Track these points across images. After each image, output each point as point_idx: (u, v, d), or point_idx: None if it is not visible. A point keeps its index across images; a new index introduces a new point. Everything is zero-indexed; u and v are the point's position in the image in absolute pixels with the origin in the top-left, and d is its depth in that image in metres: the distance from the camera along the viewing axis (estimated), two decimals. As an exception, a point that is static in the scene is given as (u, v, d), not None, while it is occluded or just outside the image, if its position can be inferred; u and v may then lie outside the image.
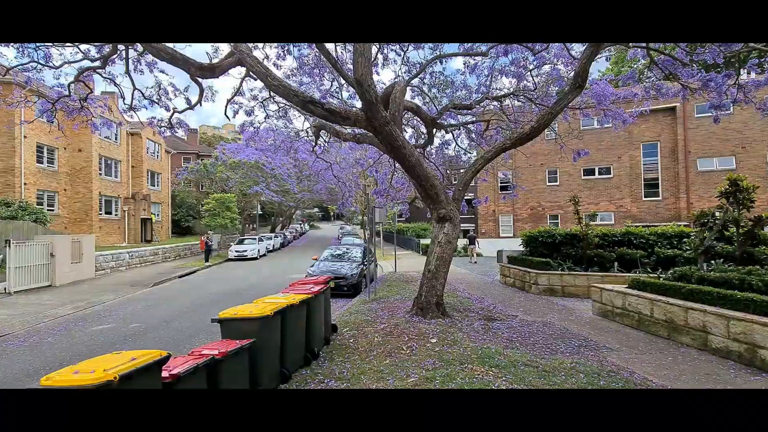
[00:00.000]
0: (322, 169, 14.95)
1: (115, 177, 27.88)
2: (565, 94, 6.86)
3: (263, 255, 26.16)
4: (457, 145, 13.42)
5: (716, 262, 7.64)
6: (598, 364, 5.22)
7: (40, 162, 22.46)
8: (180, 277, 16.84)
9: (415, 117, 12.35)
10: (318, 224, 79.36)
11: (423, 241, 27.00)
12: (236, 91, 8.82)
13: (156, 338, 7.48)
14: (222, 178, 32.06)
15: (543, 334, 6.82)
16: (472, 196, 28.89)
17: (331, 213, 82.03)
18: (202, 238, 23.13)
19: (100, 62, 8.06)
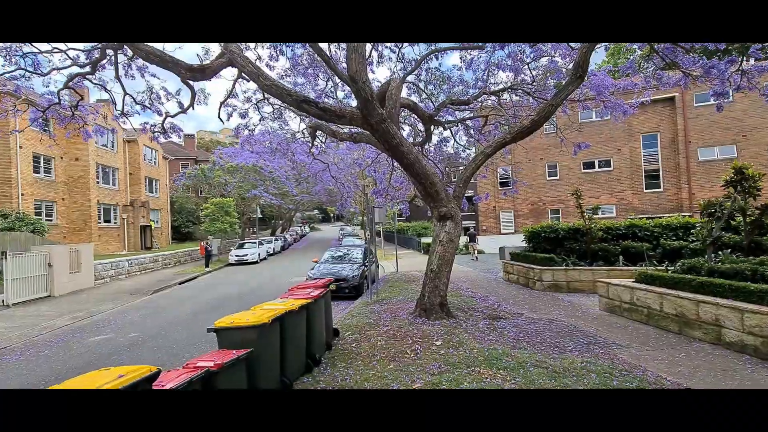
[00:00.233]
0: (320, 170, 14.79)
1: (113, 185, 27.73)
2: (565, 86, 6.69)
3: (264, 258, 26.00)
4: (455, 141, 13.26)
5: (723, 253, 7.48)
6: (610, 363, 5.05)
7: (36, 172, 22.29)
8: (180, 283, 16.68)
9: (412, 115, 12.19)
10: (318, 226, 79.20)
11: (424, 239, 26.84)
12: (229, 93, 8.65)
13: (154, 348, 7.31)
14: (220, 183, 31.89)
15: (550, 332, 6.65)
16: (472, 193, 28.77)
17: (331, 215, 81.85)
18: (201, 244, 22.98)
19: (89, 68, 7.90)
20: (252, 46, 8.93)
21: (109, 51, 7.72)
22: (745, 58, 8.75)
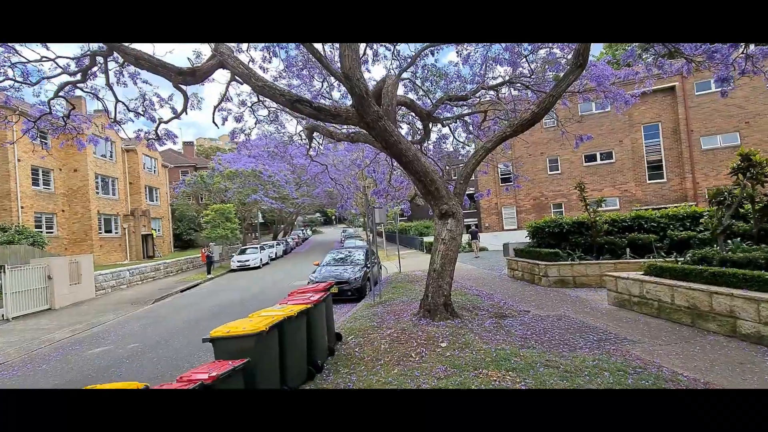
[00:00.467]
0: (319, 172, 14.63)
1: (113, 195, 27.66)
2: (565, 75, 6.51)
3: (266, 263, 25.86)
4: (454, 138, 13.08)
5: (734, 242, 7.28)
6: (623, 360, 4.86)
7: (35, 184, 22.24)
8: (181, 291, 16.55)
9: (410, 113, 12.03)
10: (320, 229, 79.07)
11: (426, 239, 26.67)
12: (222, 96, 8.51)
13: (154, 359, 7.16)
14: (220, 189, 31.80)
15: (559, 329, 6.46)
16: (474, 190, 28.56)
17: (333, 217, 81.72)
18: (202, 251, 22.86)
19: (79, 76, 7.76)
20: (244, 48, 8.78)
21: (99, 58, 7.60)
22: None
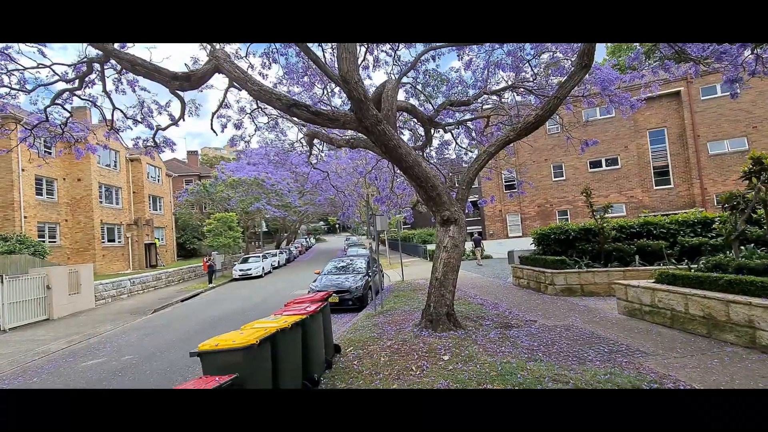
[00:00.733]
0: (320, 179, 14.49)
1: (116, 204, 27.70)
2: (570, 76, 6.32)
3: (268, 272, 25.65)
4: (457, 144, 12.90)
5: (747, 248, 6.99)
6: (636, 373, 4.57)
7: (39, 194, 22.31)
8: (182, 301, 16.36)
9: (412, 119, 11.89)
10: (324, 237, 78.94)
11: (429, 247, 26.36)
12: (221, 103, 8.40)
13: (147, 372, 6.93)
14: (222, 198, 31.78)
15: (567, 340, 6.17)
16: (477, 197, 28.33)
17: (336, 225, 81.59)
18: (204, 260, 22.72)
19: (76, 83, 7.69)
20: (243, 54, 8.70)
21: (96, 65, 7.53)
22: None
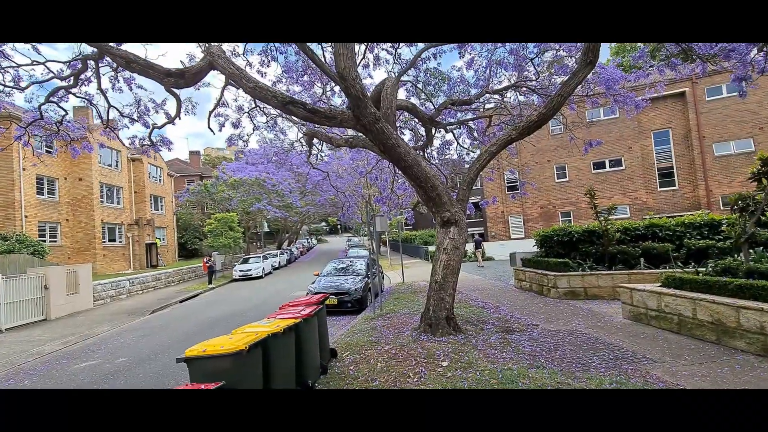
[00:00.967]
0: (320, 179, 14.34)
1: (118, 204, 27.66)
2: (574, 73, 6.14)
3: (269, 273, 25.51)
4: (459, 144, 12.73)
5: (755, 251, 6.78)
6: (643, 382, 4.39)
7: (40, 193, 22.29)
8: (181, 301, 16.23)
9: (413, 119, 11.73)
10: (325, 238, 78.82)
11: (431, 248, 26.15)
12: (218, 101, 8.26)
13: (140, 375, 6.78)
14: (223, 198, 31.69)
15: (571, 346, 5.98)
16: (479, 199, 28.12)
17: (338, 226, 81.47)
18: (204, 260, 22.62)
19: (71, 81, 7.57)
20: (241, 52, 8.57)
21: (91, 62, 7.41)
22: None
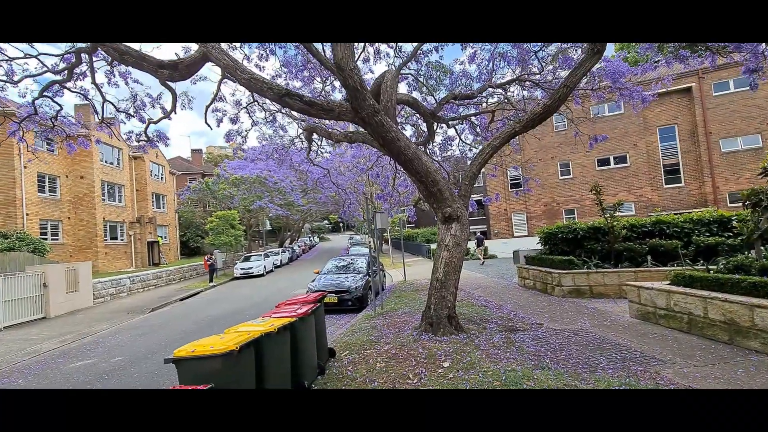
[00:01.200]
0: (321, 176, 14.17)
1: (119, 202, 27.62)
2: (581, 63, 5.92)
3: (270, 271, 25.41)
4: (461, 140, 12.51)
5: (766, 248, 6.55)
6: (653, 384, 4.19)
7: (41, 191, 22.26)
8: (181, 300, 16.13)
9: (414, 114, 11.53)
10: (328, 236, 78.71)
11: (433, 246, 25.97)
12: (215, 95, 8.09)
13: (135, 374, 6.65)
14: (225, 196, 31.59)
15: (576, 346, 5.78)
16: (482, 196, 27.88)
17: (340, 224, 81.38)
18: (205, 259, 22.53)
19: (65, 75, 7.42)
20: (237, 45, 8.38)
21: (85, 56, 7.25)
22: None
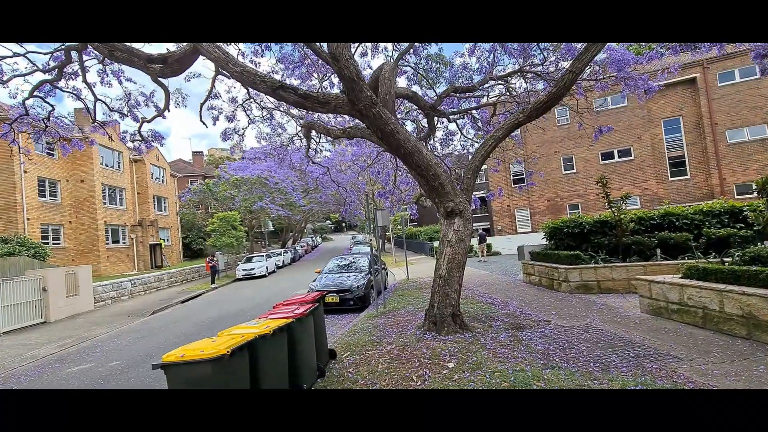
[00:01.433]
0: (321, 174, 13.98)
1: (120, 205, 27.54)
2: (587, 47, 5.68)
3: (272, 272, 25.26)
4: (462, 135, 12.28)
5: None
6: (671, 384, 3.96)
7: (42, 196, 22.19)
8: (182, 302, 15.99)
9: (415, 109, 11.31)
10: (330, 236, 78.59)
11: (436, 243, 25.74)
12: (209, 92, 7.90)
13: (132, 379, 6.48)
14: (225, 197, 31.47)
15: (586, 343, 5.55)
16: (485, 192, 27.61)
17: (343, 224, 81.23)
18: (206, 260, 22.40)
19: (56, 74, 7.25)
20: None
21: (74, 54, 7.08)
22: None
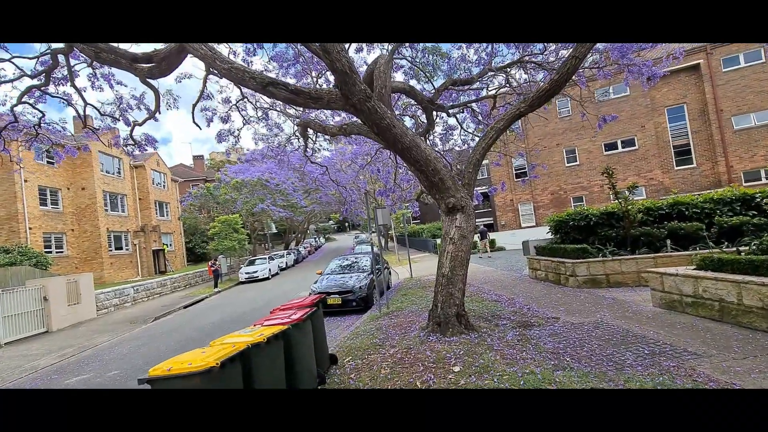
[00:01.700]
0: (320, 174, 13.78)
1: (122, 211, 27.49)
2: (590, 31, 5.44)
3: (275, 274, 25.13)
4: (463, 129, 12.02)
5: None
6: (691, 383, 3.72)
7: (43, 204, 22.15)
8: (185, 307, 15.86)
9: (413, 105, 11.08)
10: (334, 236, 78.49)
11: (439, 241, 25.51)
12: (201, 92, 7.70)
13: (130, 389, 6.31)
14: (227, 200, 31.36)
15: (598, 340, 5.31)
16: (487, 187, 27.32)
17: (346, 224, 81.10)
18: (209, 264, 22.29)
19: (43, 78, 7.08)
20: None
21: (61, 58, 6.90)
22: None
